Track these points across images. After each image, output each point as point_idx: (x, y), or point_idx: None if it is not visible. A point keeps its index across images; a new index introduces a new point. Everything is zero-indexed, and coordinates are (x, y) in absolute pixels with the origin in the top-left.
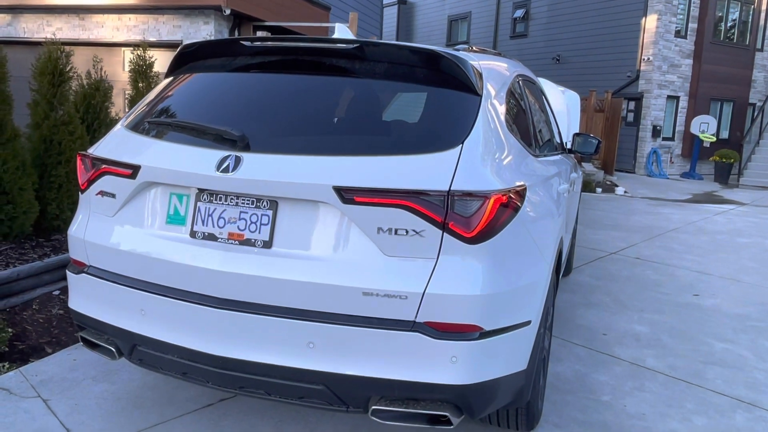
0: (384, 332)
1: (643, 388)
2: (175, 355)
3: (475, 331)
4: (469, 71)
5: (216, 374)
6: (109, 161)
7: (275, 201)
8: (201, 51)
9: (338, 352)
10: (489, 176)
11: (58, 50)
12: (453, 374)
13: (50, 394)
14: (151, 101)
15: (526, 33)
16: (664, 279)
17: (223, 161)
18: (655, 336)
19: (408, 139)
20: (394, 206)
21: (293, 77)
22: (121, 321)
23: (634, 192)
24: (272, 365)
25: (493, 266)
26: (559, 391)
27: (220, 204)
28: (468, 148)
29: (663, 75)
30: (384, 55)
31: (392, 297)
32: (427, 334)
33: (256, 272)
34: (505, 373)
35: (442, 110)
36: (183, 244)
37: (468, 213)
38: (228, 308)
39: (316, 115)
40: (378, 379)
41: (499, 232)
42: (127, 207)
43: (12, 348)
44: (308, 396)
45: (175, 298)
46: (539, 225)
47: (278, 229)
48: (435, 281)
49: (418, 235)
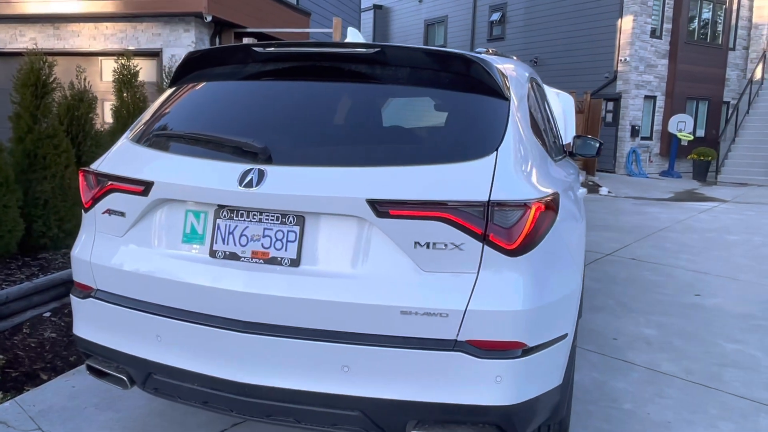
0: (424, 353)
1: (664, 394)
2: (196, 383)
3: (518, 348)
4: (496, 75)
5: (241, 402)
6: (116, 177)
7: (302, 216)
8: (208, 58)
9: (375, 375)
10: (527, 184)
11: (40, 60)
12: (498, 395)
13: (51, 426)
14: (156, 112)
15: (503, 36)
16: (663, 279)
17: (245, 175)
18: (665, 339)
19: (440, 147)
20: (432, 219)
21: (311, 84)
22: (134, 348)
23: (618, 192)
24: (304, 391)
25: (534, 279)
26: (580, 401)
27: (241, 221)
28: (502, 155)
29: (640, 75)
30: (408, 59)
31: (432, 315)
32: (470, 353)
33: (284, 293)
34: (544, 390)
35: (473, 116)
36: (202, 265)
37: (509, 224)
38: (254, 332)
39: (340, 124)
40: (418, 403)
41: (540, 243)
42: (138, 226)
43: (5, 376)
44: (342, 423)
45: (194, 323)
46: (571, 232)
47: (306, 245)
48: (476, 297)
49: (457, 249)
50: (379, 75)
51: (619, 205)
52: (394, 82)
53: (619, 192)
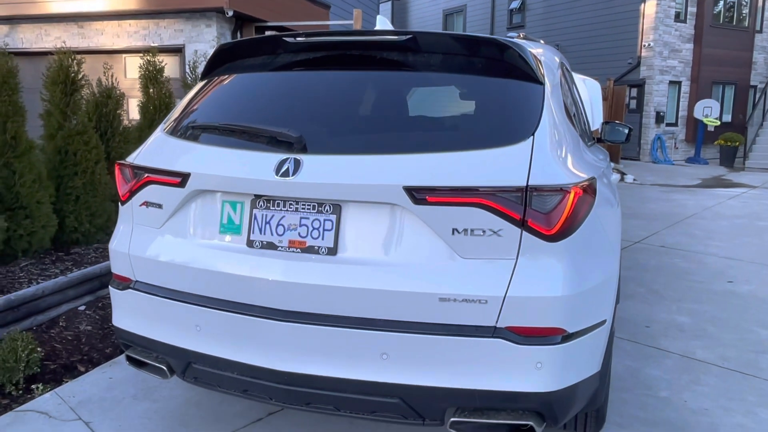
0: (463, 339)
1: (700, 382)
2: (235, 371)
3: (558, 334)
4: (531, 59)
5: (281, 390)
6: (153, 170)
7: (338, 205)
8: (239, 50)
9: (414, 363)
10: (564, 169)
11: (69, 58)
12: (538, 381)
13: (91, 415)
14: (189, 105)
15: (523, 24)
16: (694, 267)
17: (281, 165)
18: (698, 326)
19: (476, 133)
20: (469, 205)
21: (343, 73)
22: (173, 338)
23: (643, 179)
24: (343, 379)
25: (573, 264)
26: (614, 389)
27: (278, 210)
28: (539, 139)
29: (664, 60)
30: (440, 45)
31: (471, 302)
32: (510, 340)
33: (322, 281)
34: (583, 377)
35: (508, 101)
36: (240, 254)
37: (547, 209)
38: (293, 320)
39: (374, 111)
40: (457, 390)
41: (578, 228)
42: (175, 217)
43: (44, 368)
44: (381, 410)
45: (233, 312)
46: (608, 218)
47: (343, 234)
48: (516, 283)
49: (495, 235)
50: (411, 62)
51: (646, 193)
52: (427, 69)
53: (644, 179)
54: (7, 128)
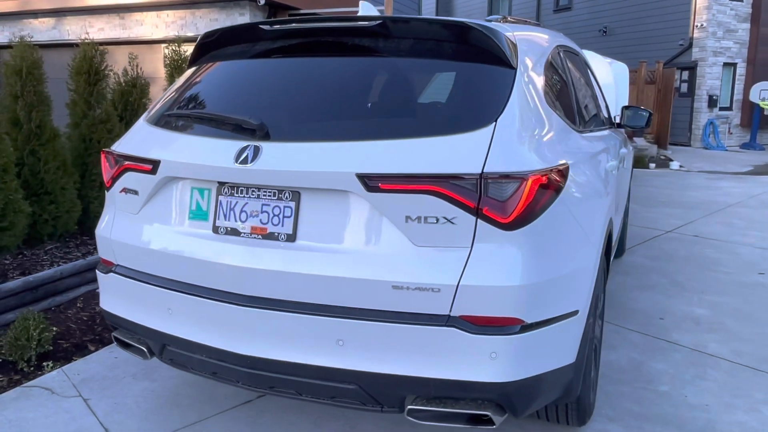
0: (417, 328)
1: (706, 377)
2: (204, 354)
3: (515, 324)
4: (502, 42)
5: (245, 374)
6: (130, 157)
7: (297, 192)
8: (221, 38)
9: (369, 350)
10: (526, 155)
11: (93, 49)
12: (493, 371)
13: (91, 393)
14: (171, 94)
15: (570, 6)
16: (726, 257)
17: (241, 152)
18: (717, 319)
19: (436, 119)
20: (422, 192)
21: (314, 60)
22: (149, 320)
23: (690, 166)
24: (301, 364)
25: (533, 253)
26: (612, 382)
27: (241, 197)
28: (502, 125)
29: (718, 41)
30: (407, 31)
31: (424, 290)
32: (464, 329)
33: (281, 267)
34: (550, 368)
35: (472, 86)
36: (206, 240)
37: (504, 197)
38: (253, 305)
39: (337, 99)
40: (412, 378)
41: (539, 216)
42: (150, 204)
43: (57, 347)
44: (340, 396)
45: (200, 296)
46: (585, 206)
47: (302, 221)
48: (470, 272)
49: (449, 223)
50: (379, 48)
51: (689, 180)
52: (396, 54)
53: (691, 166)
54: (32, 117)
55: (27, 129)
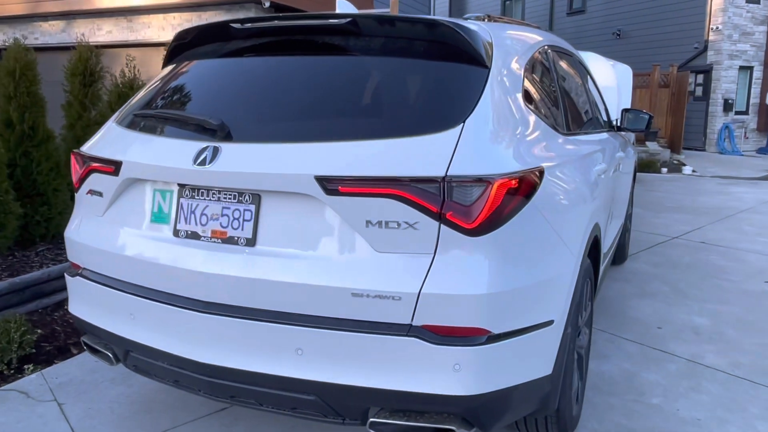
0: (377, 337)
1: (700, 389)
2: (165, 362)
3: (480, 335)
4: (475, 41)
5: (206, 383)
6: (94, 158)
7: (258, 195)
8: (195, 38)
9: (329, 360)
10: (494, 158)
11: (88, 51)
12: (456, 384)
13: (66, 397)
14: (142, 94)
15: (583, 9)
16: (732, 265)
17: (200, 153)
18: (717, 329)
19: (402, 120)
20: (383, 196)
21: (282, 59)
22: (113, 326)
23: (703, 171)
24: (260, 374)
25: (500, 260)
26: (602, 393)
27: (202, 200)
28: (470, 127)
29: (734, 44)
30: (377, 29)
31: (384, 298)
32: (426, 339)
33: (239, 273)
34: (522, 380)
35: (442, 86)
36: (166, 244)
37: (468, 201)
38: (212, 312)
39: (302, 98)
40: (373, 390)
41: (507, 222)
42: (114, 206)
43: (39, 349)
44: (301, 407)
45: (161, 302)
46: (563, 211)
47: (262, 225)
48: (432, 279)
49: (411, 228)
50: (348, 46)
51: (701, 185)
52: (364, 53)
53: (705, 171)
54: (25, 118)
55: (20, 130)
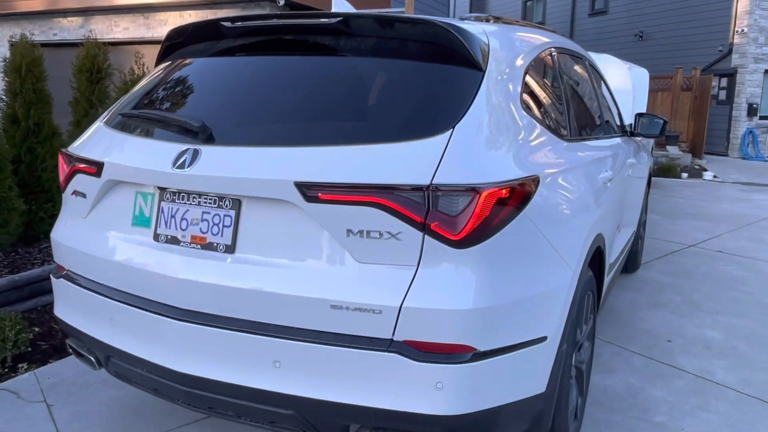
0: (356, 352)
1: (708, 407)
2: (144, 369)
3: (465, 352)
4: (470, 42)
5: (183, 392)
6: (79, 158)
7: (238, 200)
8: (186, 36)
9: (306, 374)
10: (483, 167)
11: (96, 47)
12: (439, 403)
13: (56, 398)
14: (131, 94)
15: (605, 9)
16: (749, 275)
17: (180, 156)
18: (729, 343)
19: (389, 125)
20: (365, 204)
21: (269, 59)
22: (94, 330)
23: (725, 177)
24: (237, 385)
25: (488, 274)
26: (604, 409)
27: (182, 204)
28: (460, 133)
29: (760, 48)
30: (368, 29)
31: (364, 311)
32: (407, 356)
33: (217, 280)
34: (512, 399)
35: (432, 90)
36: (146, 248)
37: (454, 211)
38: (190, 320)
39: (286, 100)
40: (352, 406)
41: (496, 233)
42: (97, 208)
43: (35, 348)
44: (279, 421)
45: (140, 308)
46: (560, 222)
47: (242, 231)
48: (414, 293)
49: (394, 239)
50: (338, 47)
51: (722, 192)
52: (354, 54)
53: (726, 177)
54: (31, 115)
55: (25, 126)
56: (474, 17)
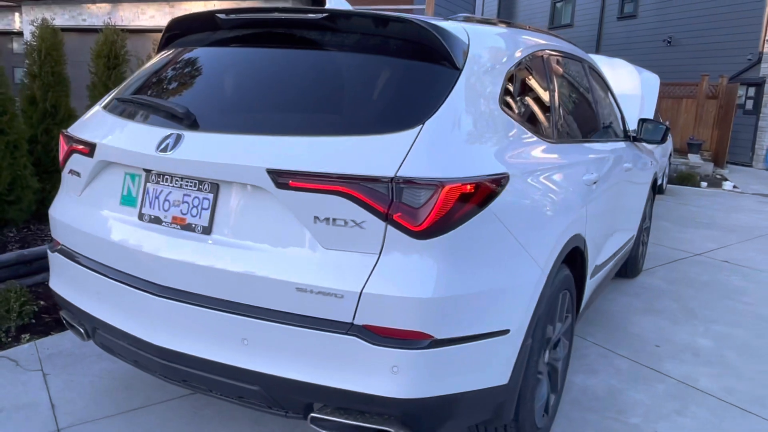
0: (319, 333)
1: (685, 412)
2: (125, 341)
3: (422, 338)
4: (448, 41)
5: (159, 364)
6: (75, 139)
7: (216, 184)
8: (184, 27)
9: (272, 352)
10: (449, 162)
11: (114, 34)
12: (394, 386)
13: (52, 368)
14: (130, 81)
15: (635, 13)
16: (751, 287)
17: (164, 140)
18: (719, 352)
19: (363, 118)
20: (332, 193)
21: (256, 51)
22: (83, 302)
23: (745, 187)
24: (208, 360)
25: (448, 265)
26: (581, 408)
27: (166, 186)
28: (430, 129)
29: None
30: (351, 26)
31: (327, 295)
32: (365, 339)
33: (193, 259)
34: (471, 388)
35: (407, 86)
36: (131, 227)
37: (417, 203)
38: (167, 296)
39: (267, 91)
40: (313, 385)
41: (457, 227)
42: (90, 186)
43: (39, 320)
44: (246, 396)
45: (123, 283)
46: (530, 220)
47: (218, 214)
48: (375, 280)
49: (358, 227)
50: (320, 41)
51: (739, 202)
52: (335, 48)
53: (747, 187)
54: (48, 97)
55: (42, 108)
56: (463, 17)
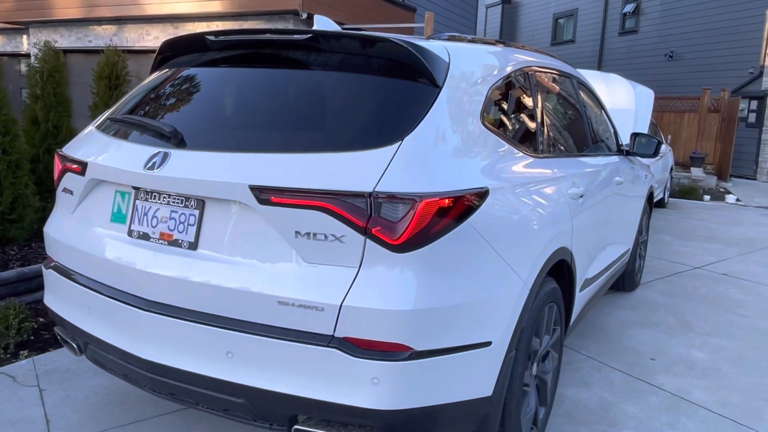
0: (301, 346)
1: (677, 426)
2: (115, 356)
3: (401, 350)
4: (427, 59)
5: (148, 378)
6: (68, 158)
7: (202, 200)
8: (176, 48)
9: (256, 365)
10: (427, 177)
11: (115, 55)
12: (375, 398)
13: (49, 384)
14: (123, 101)
15: (636, 29)
16: (750, 300)
17: (152, 158)
18: (714, 365)
19: (343, 135)
20: (313, 208)
21: (241, 71)
22: (75, 318)
23: (749, 200)
24: (194, 374)
25: (427, 278)
26: (573, 421)
27: (154, 203)
28: (409, 145)
29: None
30: (334, 46)
31: (308, 308)
32: (346, 351)
33: (180, 274)
34: (453, 399)
35: (387, 104)
36: (121, 243)
37: (395, 218)
38: (154, 311)
39: (251, 109)
40: (296, 397)
41: (436, 240)
42: (82, 204)
43: (37, 337)
44: (232, 409)
45: (112, 298)
46: (511, 233)
47: (204, 230)
48: (354, 293)
49: (338, 241)
50: (303, 61)
51: (741, 215)
52: (317, 68)
53: (750, 201)
54: (50, 117)
55: (44, 128)
56: (447, 36)
